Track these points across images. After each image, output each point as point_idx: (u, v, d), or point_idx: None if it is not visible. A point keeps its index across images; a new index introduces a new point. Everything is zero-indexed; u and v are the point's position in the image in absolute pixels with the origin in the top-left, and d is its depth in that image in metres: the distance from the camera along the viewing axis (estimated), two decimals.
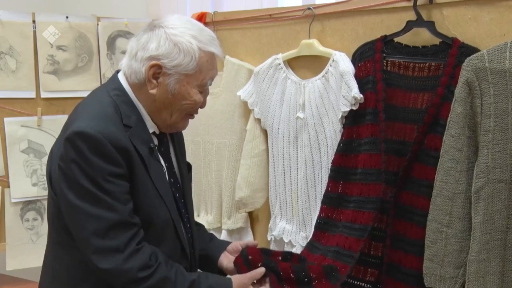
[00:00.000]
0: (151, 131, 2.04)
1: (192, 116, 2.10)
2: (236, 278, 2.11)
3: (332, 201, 2.52)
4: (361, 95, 2.38)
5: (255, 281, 2.14)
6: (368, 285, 2.43)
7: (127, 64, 2.01)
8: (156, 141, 2.08)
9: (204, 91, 2.05)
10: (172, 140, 2.19)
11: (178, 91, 1.97)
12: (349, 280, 2.42)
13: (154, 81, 1.96)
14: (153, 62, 1.93)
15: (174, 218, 2.04)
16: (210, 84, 2.08)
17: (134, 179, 1.92)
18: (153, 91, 1.97)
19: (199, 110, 2.10)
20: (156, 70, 1.95)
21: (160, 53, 1.93)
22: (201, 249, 2.30)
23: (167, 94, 1.97)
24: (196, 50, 1.95)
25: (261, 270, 2.14)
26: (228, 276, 2.20)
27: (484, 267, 2.04)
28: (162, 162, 2.08)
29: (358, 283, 2.44)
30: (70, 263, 1.95)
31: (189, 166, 2.33)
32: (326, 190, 2.55)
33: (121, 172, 1.87)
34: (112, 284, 1.92)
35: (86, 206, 1.85)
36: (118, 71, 2.07)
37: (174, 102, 2.00)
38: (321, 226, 2.55)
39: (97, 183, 1.84)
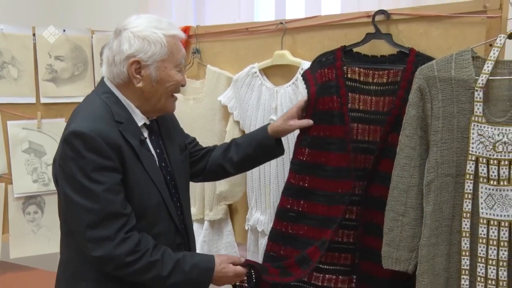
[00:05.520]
0: (141, 123, 2.07)
1: (175, 97, 2.14)
2: (218, 255, 2.15)
3: (294, 192, 2.46)
4: None
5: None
6: (345, 268, 2.43)
7: (108, 71, 2.05)
8: (146, 132, 2.10)
9: (181, 70, 2.10)
10: (159, 128, 2.21)
11: (161, 77, 2.02)
12: (325, 266, 2.44)
13: (138, 76, 2.00)
14: (131, 60, 1.97)
15: (166, 200, 2.07)
16: (183, 63, 2.14)
17: (127, 170, 1.95)
18: (140, 85, 2.01)
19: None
20: (136, 66, 1.98)
21: (134, 51, 1.97)
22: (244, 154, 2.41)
23: (152, 83, 2.01)
24: (162, 37, 1.99)
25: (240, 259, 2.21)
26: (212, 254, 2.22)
27: (433, 250, 2.07)
28: (153, 151, 2.10)
29: (335, 267, 2.44)
30: (79, 250, 1.97)
31: (184, 147, 2.35)
32: (287, 182, 2.49)
33: (112, 165, 1.90)
34: (104, 269, 1.95)
35: (81, 200, 1.88)
36: (103, 78, 2.10)
37: (160, 87, 2.03)
38: (282, 216, 2.49)
39: (90, 177, 1.87)
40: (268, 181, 2.78)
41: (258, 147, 2.40)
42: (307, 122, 2.41)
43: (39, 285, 2.18)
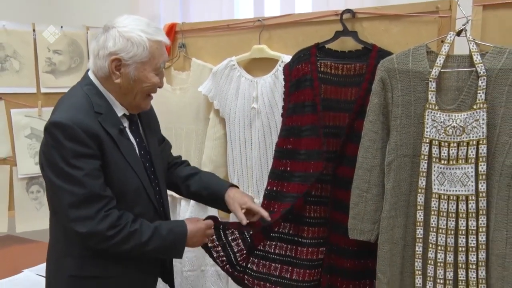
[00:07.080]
0: (121, 114, 2.05)
1: (151, 97, 2.11)
2: (187, 219, 2.18)
3: (277, 176, 2.53)
4: None
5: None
6: (318, 240, 2.47)
7: (93, 63, 2.02)
8: (127, 122, 2.09)
9: (159, 73, 2.05)
10: (139, 120, 2.19)
11: (138, 77, 1.98)
12: (302, 239, 2.48)
13: (117, 72, 1.97)
14: (113, 57, 1.94)
15: (145, 184, 2.06)
16: (164, 67, 2.10)
17: (106, 157, 1.94)
18: (118, 81, 1.98)
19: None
20: (117, 63, 1.96)
21: (117, 49, 1.94)
22: (206, 189, 2.32)
23: (129, 81, 1.98)
24: (146, 41, 1.95)
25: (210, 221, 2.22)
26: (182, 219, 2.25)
27: (392, 222, 2.12)
28: (132, 139, 2.08)
29: (311, 241, 2.47)
30: (65, 228, 1.97)
31: (162, 140, 2.36)
32: (272, 167, 2.55)
33: (91, 152, 1.89)
34: (88, 244, 1.95)
35: (63, 184, 1.87)
36: (88, 70, 2.07)
37: (136, 86, 2.00)
38: (268, 196, 2.55)
39: (71, 163, 1.86)
40: (250, 162, 2.79)
41: (210, 195, 2.32)
42: (242, 218, 2.22)
43: (42, 256, 2.21)
